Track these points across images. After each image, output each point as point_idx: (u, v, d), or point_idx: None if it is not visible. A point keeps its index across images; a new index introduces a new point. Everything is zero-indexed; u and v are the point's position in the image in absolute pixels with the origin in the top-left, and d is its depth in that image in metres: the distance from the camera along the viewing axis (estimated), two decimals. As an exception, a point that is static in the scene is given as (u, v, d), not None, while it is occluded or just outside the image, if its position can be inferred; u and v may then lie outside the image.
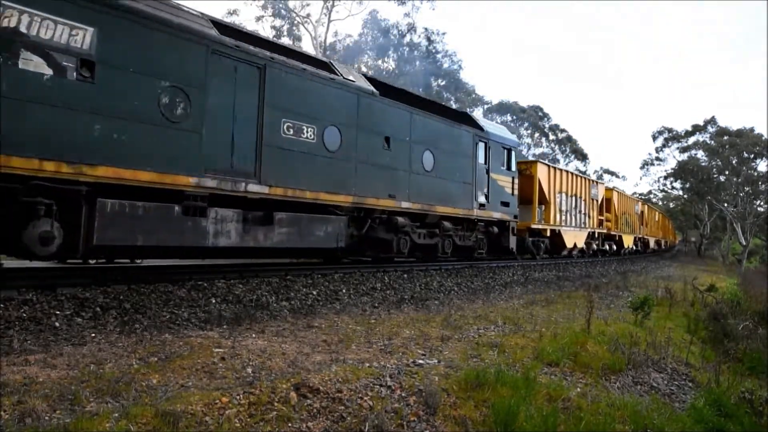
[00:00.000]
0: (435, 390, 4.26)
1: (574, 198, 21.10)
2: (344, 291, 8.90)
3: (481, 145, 13.78)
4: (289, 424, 3.58)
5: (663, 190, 58.17)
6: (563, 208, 20.00)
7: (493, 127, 15.28)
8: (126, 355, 4.53)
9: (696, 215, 55.14)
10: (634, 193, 52.83)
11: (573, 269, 18.10)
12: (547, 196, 18.58)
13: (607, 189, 27.56)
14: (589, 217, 22.76)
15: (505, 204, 14.74)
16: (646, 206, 37.57)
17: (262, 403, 3.65)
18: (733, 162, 46.35)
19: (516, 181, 15.50)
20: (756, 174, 46.52)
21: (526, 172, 17.84)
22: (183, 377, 4.05)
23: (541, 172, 18.40)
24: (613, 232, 27.47)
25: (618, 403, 5.09)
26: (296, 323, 6.46)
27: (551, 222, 18.92)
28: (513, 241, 15.25)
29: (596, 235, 24.35)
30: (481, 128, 14.03)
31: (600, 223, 24.79)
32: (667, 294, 12.42)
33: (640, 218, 34.00)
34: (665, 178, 54.27)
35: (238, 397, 3.62)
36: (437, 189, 12.01)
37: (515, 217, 15.25)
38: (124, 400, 3.48)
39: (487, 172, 13.95)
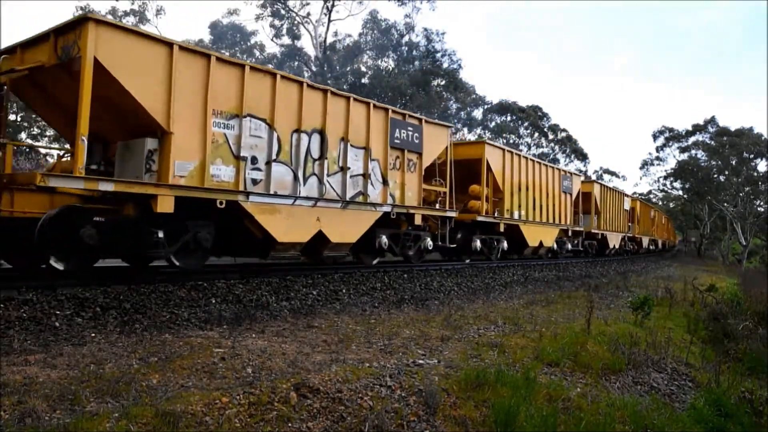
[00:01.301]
0: (435, 390, 4.26)
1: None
2: (344, 291, 8.90)
3: None
4: (289, 424, 3.58)
5: (663, 190, 58.26)
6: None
7: None
8: (126, 355, 4.53)
9: (696, 215, 55.16)
10: (634, 192, 52.83)
11: (573, 269, 18.09)
12: None
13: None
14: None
15: None
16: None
17: (262, 403, 3.64)
18: (733, 162, 46.41)
19: None
20: (756, 174, 46.58)
21: None
22: (183, 377, 4.05)
23: None
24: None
25: (618, 403, 5.09)
26: (296, 323, 6.46)
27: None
28: None
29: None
30: None
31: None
32: (667, 294, 12.41)
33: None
34: (665, 178, 54.40)
35: (238, 397, 3.61)
36: None
37: None
38: (124, 400, 3.48)
39: None
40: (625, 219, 28.88)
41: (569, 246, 20.80)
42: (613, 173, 59.07)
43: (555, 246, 19.07)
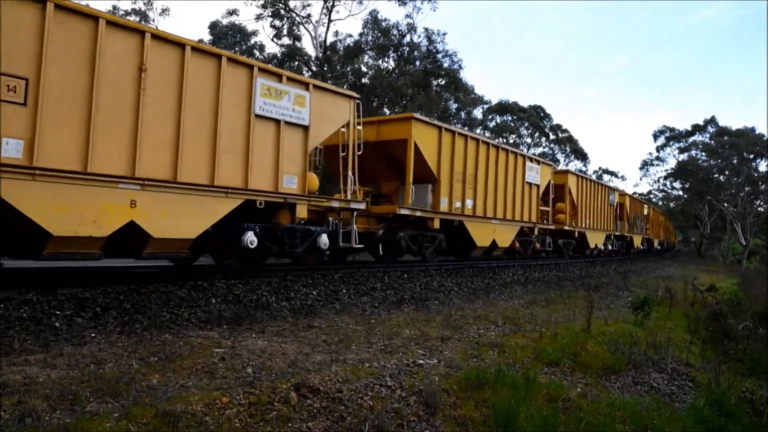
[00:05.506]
0: (435, 390, 4.26)
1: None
2: (344, 291, 8.90)
3: None
4: (289, 425, 3.57)
5: (663, 190, 58.29)
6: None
7: None
8: (126, 355, 4.53)
9: (696, 215, 55.17)
10: (635, 193, 52.86)
11: (573, 269, 18.10)
12: None
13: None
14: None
15: None
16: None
17: (262, 403, 3.64)
18: (734, 162, 46.42)
19: None
20: (756, 174, 46.58)
21: None
22: (183, 377, 4.05)
23: None
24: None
25: (618, 403, 5.09)
26: (296, 323, 6.46)
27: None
28: None
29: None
30: None
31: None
32: (667, 294, 12.41)
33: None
34: (665, 178, 54.45)
35: (238, 397, 3.61)
36: None
37: None
38: (124, 400, 3.48)
39: None
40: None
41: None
42: (613, 173, 59.17)
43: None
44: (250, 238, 8.09)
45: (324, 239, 9.40)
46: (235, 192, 7.82)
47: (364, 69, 31.70)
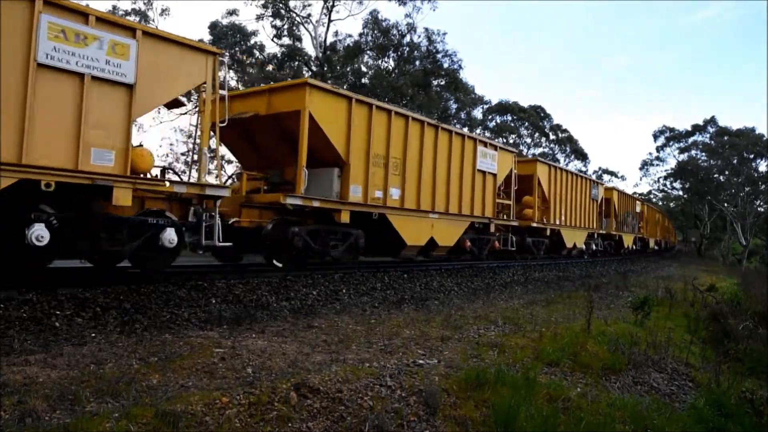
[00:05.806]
0: (435, 390, 4.26)
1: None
2: (344, 291, 8.90)
3: None
4: (289, 425, 3.57)
5: (663, 191, 58.30)
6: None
7: None
8: (126, 355, 4.53)
9: (696, 215, 55.19)
10: (634, 192, 52.88)
11: (573, 269, 18.10)
12: None
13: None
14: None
15: None
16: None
17: (262, 403, 3.64)
18: (734, 162, 46.45)
19: None
20: (756, 174, 46.61)
21: None
22: (183, 377, 4.05)
23: None
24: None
25: (618, 403, 5.09)
26: (296, 323, 6.46)
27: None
28: None
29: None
30: None
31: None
32: (667, 294, 12.42)
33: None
34: (665, 178, 54.47)
35: (238, 397, 3.61)
36: None
37: None
38: (124, 400, 3.48)
39: None
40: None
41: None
42: (613, 173, 59.14)
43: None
44: (38, 233, 5.89)
45: (169, 235, 7.11)
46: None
47: (364, 69, 31.70)
